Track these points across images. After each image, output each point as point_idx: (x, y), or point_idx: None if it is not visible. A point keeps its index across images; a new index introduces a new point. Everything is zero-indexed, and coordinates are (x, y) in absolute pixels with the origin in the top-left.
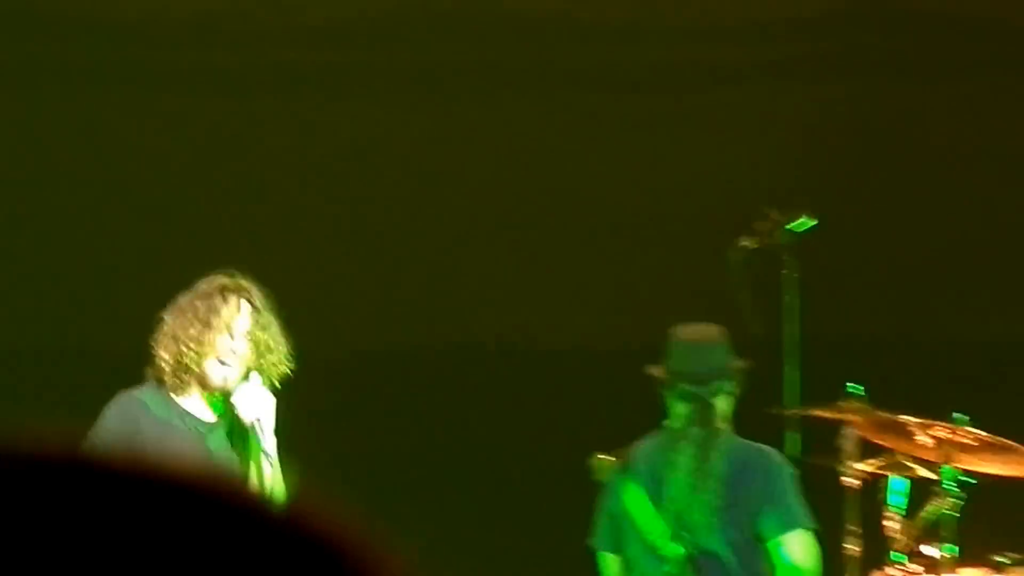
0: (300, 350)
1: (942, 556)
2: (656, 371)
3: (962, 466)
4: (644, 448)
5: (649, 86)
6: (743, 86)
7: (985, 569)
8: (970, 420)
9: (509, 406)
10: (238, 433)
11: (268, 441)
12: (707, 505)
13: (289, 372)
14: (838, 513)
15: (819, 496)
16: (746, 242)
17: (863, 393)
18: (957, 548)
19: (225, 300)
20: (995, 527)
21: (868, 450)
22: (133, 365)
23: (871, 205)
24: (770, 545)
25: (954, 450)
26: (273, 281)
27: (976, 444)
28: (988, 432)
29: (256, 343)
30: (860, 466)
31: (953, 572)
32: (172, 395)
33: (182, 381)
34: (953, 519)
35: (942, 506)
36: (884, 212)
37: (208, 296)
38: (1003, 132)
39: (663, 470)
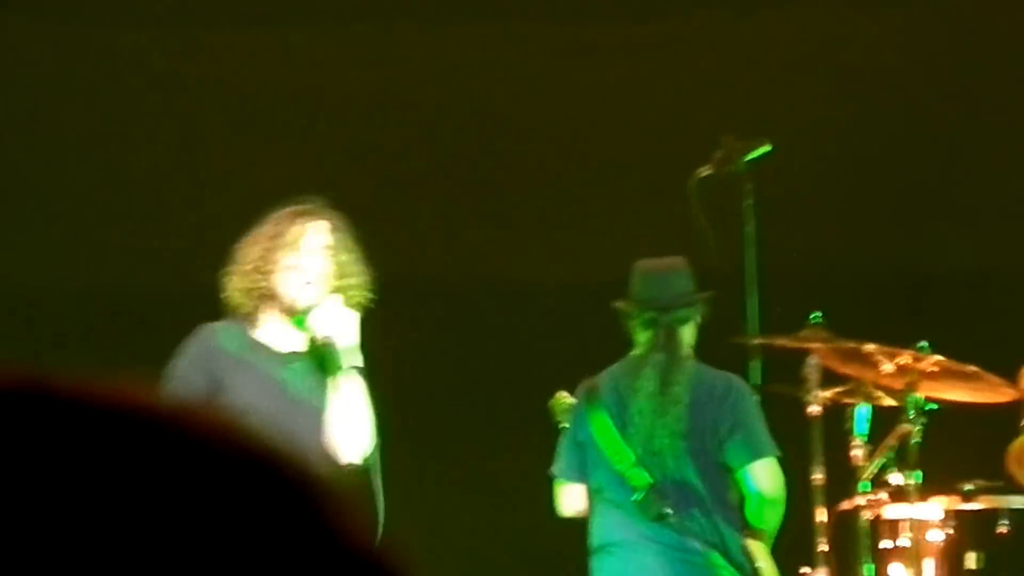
0: None
1: (907, 484)
2: (621, 302)
3: (926, 394)
4: (609, 376)
5: (607, 15)
6: (700, 14)
7: (950, 496)
8: (933, 348)
9: (481, 339)
10: (319, 356)
11: (351, 359)
12: (671, 431)
13: (370, 302)
14: (803, 442)
15: (783, 425)
16: (704, 171)
17: (825, 322)
18: (921, 475)
19: (297, 219)
20: (959, 454)
21: (831, 379)
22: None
23: (831, 132)
24: (737, 474)
25: (917, 378)
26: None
27: (939, 371)
28: (952, 360)
29: (337, 264)
30: (823, 395)
31: (918, 500)
32: (249, 326)
33: (258, 307)
34: (917, 447)
35: (906, 434)
36: (845, 139)
37: (279, 219)
38: (963, 61)
39: (627, 397)
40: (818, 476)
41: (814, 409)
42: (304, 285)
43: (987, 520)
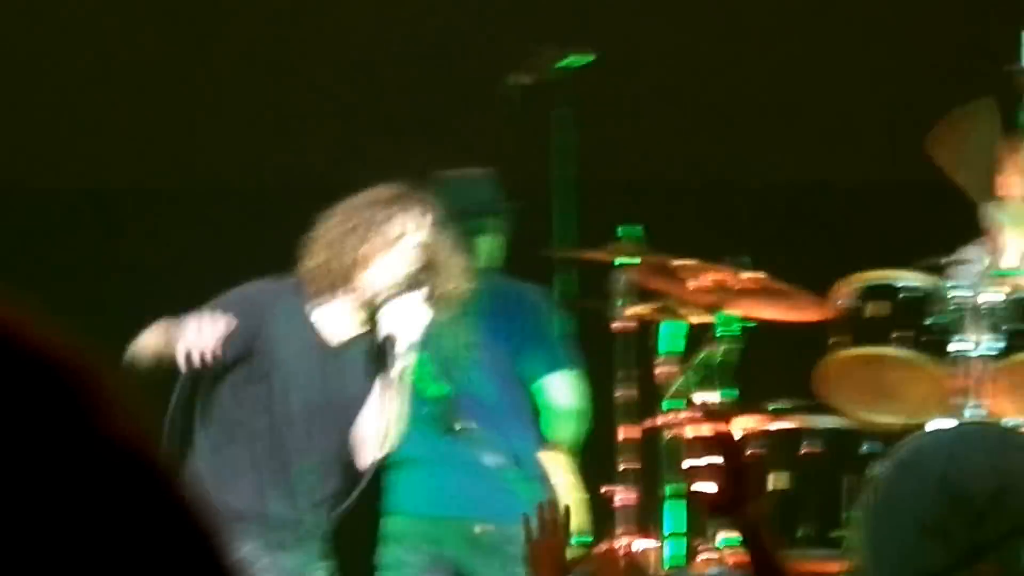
0: None
1: (718, 402)
2: None
3: (737, 311)
4: None
5: None
6: None
7: (758, 415)
8: (748, 264)
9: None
10: (377, 351)
11: (398, 362)
12: (463, 344)
13: (467, 293)
14: (612, 358)
15: (593, 340)
16: (517, 79)
17: (638, 235)
18: (730, 394)
19: (404, 208)
20: (767, 373)
21: (643, 294)
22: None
23: (649, 43)
24: (534, 386)
25: (729, 294)
26: None
27: (753, 289)
28: (765, 277)
29: (432, 259)
30: (635, 310)
31: (729, 418)
32: (313, 301)
33: (330, 288)
34: (726, 365)
35: (718, 351)
36: (662, 50)
37: (385, 203)
38: None
39: None
40: (625, 393)
41: (623, 324)
42: (389, 279)
43: (794, 440)
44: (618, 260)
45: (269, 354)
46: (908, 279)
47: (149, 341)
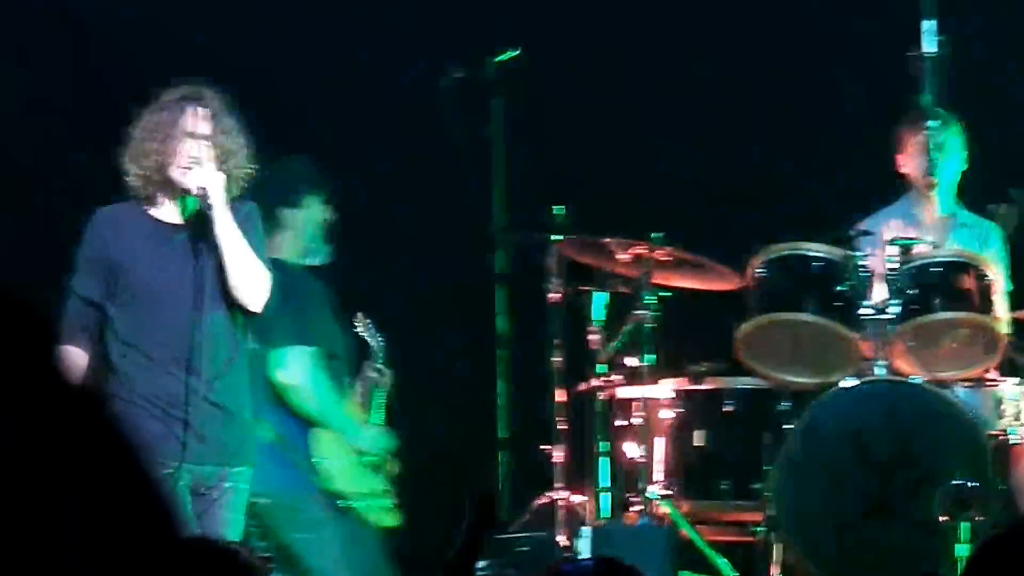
0: None
1: (640, 366)
2: None
3: (659, 282)
4: None
5: None
6: None
7: (680, 378)
8: (665, 239)
9: None
10: (203, 225)
11: (219, 220)
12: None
13: (252, 172)
14: (544, 327)
15: (527, 311)
16: (457, 73)
17: (566, 214)
18: (654, 358)
19: (183, 109)
20: (689, 338)
21: (572, 268)
22: None
23: (571, 37)
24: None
25: (651, 267)
26: None
27: (671, 261)
28: (682, 250)
29: (220, 148)
30: (564, 283)
31: (650, 381)
32: (145, 207)
33: (152, 192)
34: (650, 331)
35: (640, 320)
36: (583, 44)
37: (169, 108)
38: None
39: None
40: (558, 359)
41: (554, 296)
42: (192, 172)
43: (714, 400)
44: (550, 237)
45: (131, 271)
46: (817, 250)
47: None
